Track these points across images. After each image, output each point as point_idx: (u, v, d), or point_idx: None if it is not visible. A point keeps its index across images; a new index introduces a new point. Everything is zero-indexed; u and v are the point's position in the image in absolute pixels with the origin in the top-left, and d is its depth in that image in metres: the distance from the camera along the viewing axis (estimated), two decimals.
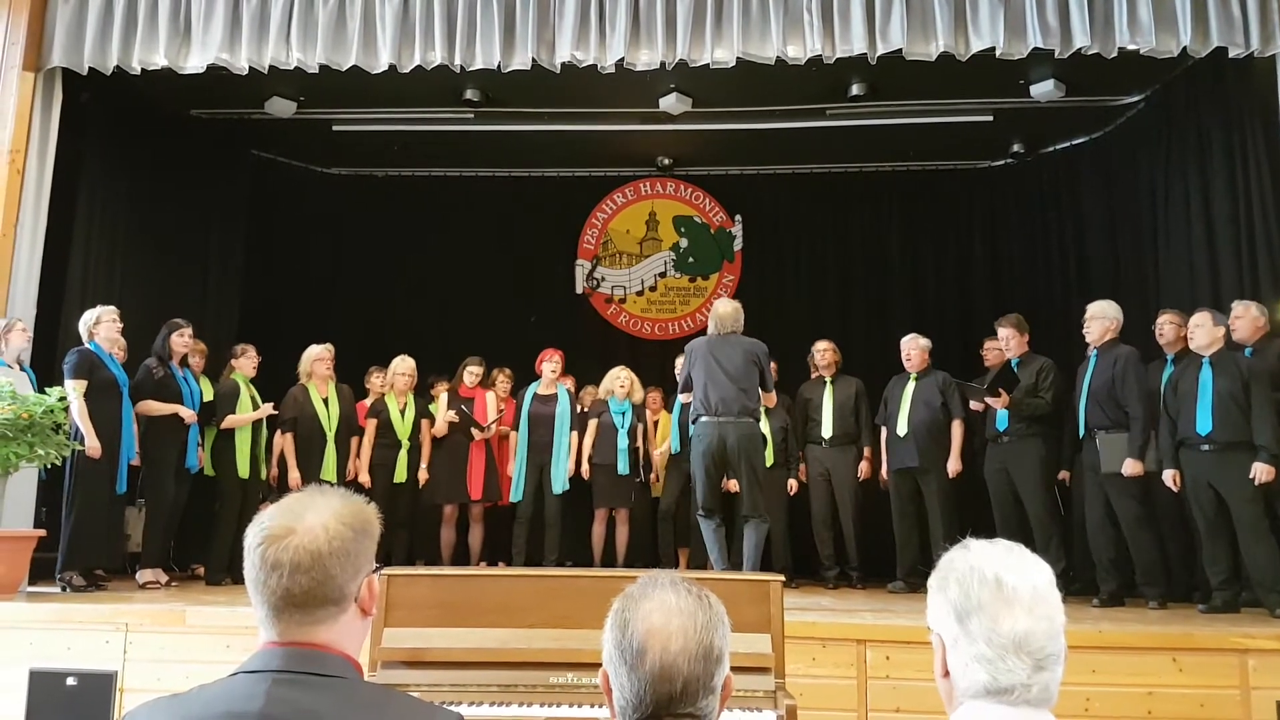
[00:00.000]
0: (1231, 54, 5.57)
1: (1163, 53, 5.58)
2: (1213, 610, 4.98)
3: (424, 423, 6.92)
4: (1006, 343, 6.17)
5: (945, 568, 1.40)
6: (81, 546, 5.32)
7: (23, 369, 5.49)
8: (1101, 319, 5.69)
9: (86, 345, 5.51)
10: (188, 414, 5.86)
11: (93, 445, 5.30)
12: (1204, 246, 6.43)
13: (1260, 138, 6.03)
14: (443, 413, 6.90)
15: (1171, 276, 6.77)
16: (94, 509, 5.39)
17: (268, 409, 6.34)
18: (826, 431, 6.84)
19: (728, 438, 5.15)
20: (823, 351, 7.05)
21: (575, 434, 6.92)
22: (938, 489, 6.32)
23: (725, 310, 5.46)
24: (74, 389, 5.29)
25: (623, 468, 6.84)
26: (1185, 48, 5.53)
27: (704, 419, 5.22)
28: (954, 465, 6.32)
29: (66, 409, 5.14)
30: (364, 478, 6.61)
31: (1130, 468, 5.36)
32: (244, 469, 6.20)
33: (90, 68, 5.97)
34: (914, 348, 6.61)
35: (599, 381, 7.36)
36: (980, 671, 1.32)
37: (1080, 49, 5.59)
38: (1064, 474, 6.19)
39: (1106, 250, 7.76)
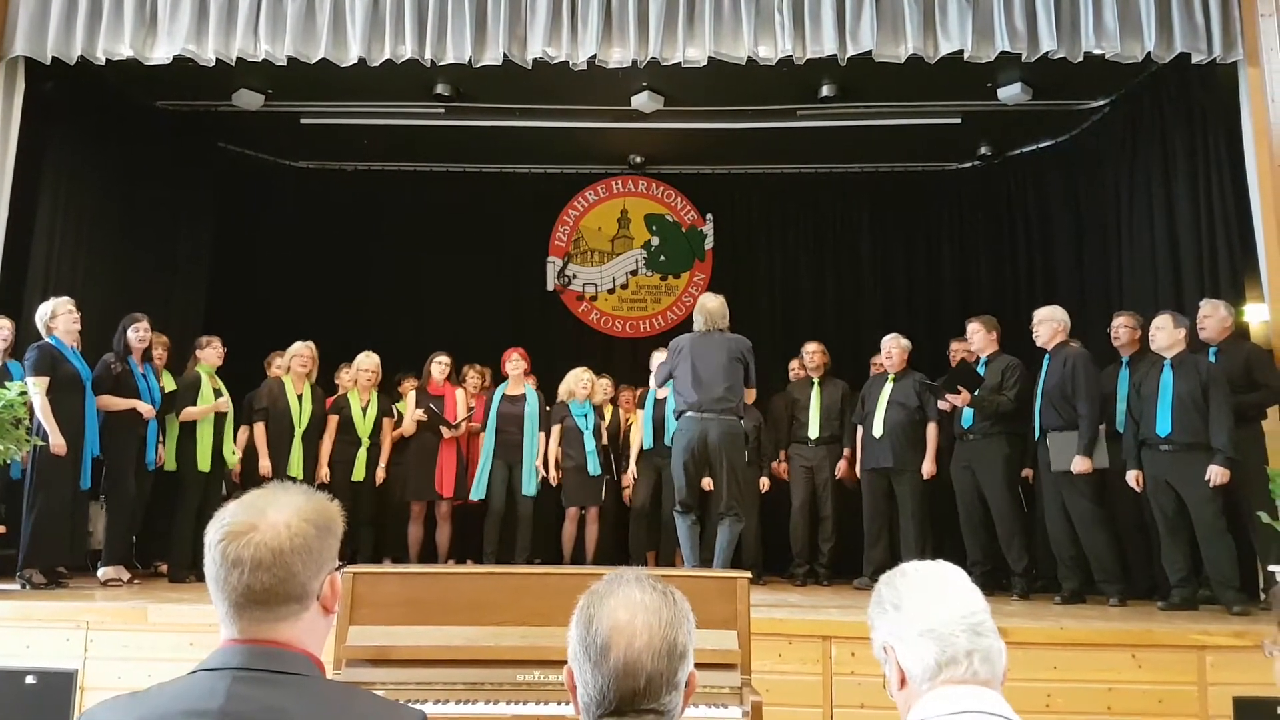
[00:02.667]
0: (1194, 60, 5.67)
1: (1127, 58, 5.67)
2: (1171, 608, 5.06)
3: (386, 421, 6.87)
4: (974, 340, 6.22)
5: (874, 592, 1.59)
6: (43, 543, 5.23)
7: (5, 365, 5.43)
8: (1049, 321, 5.79)
9: (46, 339, 5.42)
10: (145, 409, 5.75)
11: (57, 443, 5.22)
12: (1166, 248, 6.53)
13: (1222, 142, 6.13)
14: (411, 411, 6.86)
15: (1134, 278, 6.86)
16: (56, 506, 5.30)
17: (222, 403, 6.20)
18: (813, 432, 6.87)
19: (710, 433, 5.15)
20: (812, 353, 7.08)
21: (543, 435, 6.90)
22: (910, 489, 6.35)
23: (713, 305, 5.46)
24: (36, 386, 5.21)
25: (593, 468, 6.83)
26: (1149, 53, 5.62)
27: (687, 414, 5.22)
28: (928, 468, 6.35)
29: (26, 403, 5.06)
30: (323, 472, 6.57)
31: (1079, 465, 5.43)
32: (205, 463, 6.11)
33: (54, 57, 5.87)
34: (895, 347, 6.60)
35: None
36: (929, 645, 1.44)
37: (1047, 53, 5.66)
38: (1027, 472, 6.27)
39: (1071, 251, 7.86)
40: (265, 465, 6.30)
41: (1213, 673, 4.06)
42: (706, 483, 5.64)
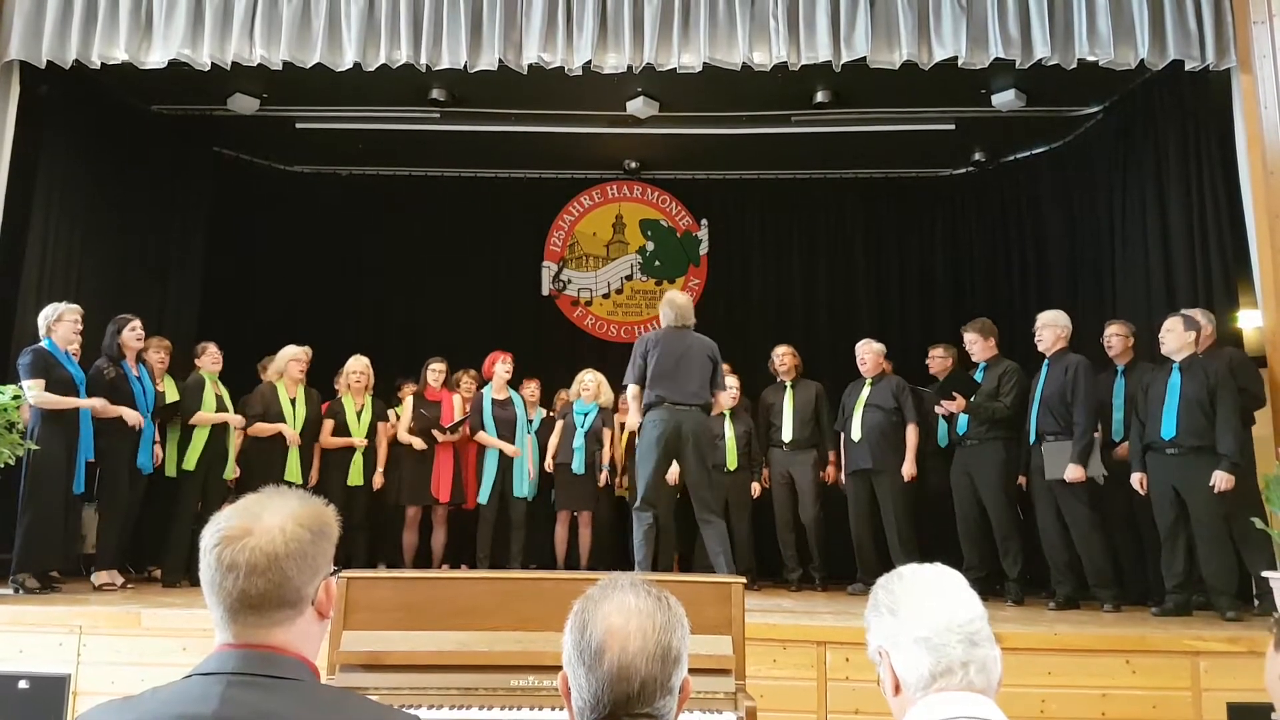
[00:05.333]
0: (1188, 67, 5.69)
1: (1121, 64, 5.69)
2: (1165, 613, 5.07)
3: (381, 425, 6.85)
4: (972, 347, 6.23)
5: (871, 595, 1.56)
6: (36, 548, 5.21)
7: None
8: (1053, 327, 5.79)
9: (41, 343, 5.41)
10: (133, 417, 5.66)
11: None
12: (1160, 255, 6.54)
13: (1215, 149, 6.16)
14: (407, 417, 6.84)
15: (1128, 284, 6.88)
16: (49, 510, 5.27)
17: (236, 419, 6.25)
18: (787, 435, 6.84)
19: (683, 424, 5.15)
20: (781, 356, 7.06)
21: (531, 438, 6.91)
22: (891, 491, 6.37)
23: (683, 301, 5.48)
24: (32, 388, 5.20)
25: (577, 467, 6.82)
26: (1143, 60, 5.64)
27: (662, 406, 5.20)
28: (908, 469, 6.37)
29: (20, 408, 5.04)
30: (313, 475, 6.58)
31: (1071, 473, 5.44)
32: (200, 468, 6.09)
33: (49, 61, 5.86)
34: (868, 352, 6.66)
35: (565, 383, 7.37)
36: (923, 654, 1.43)
37: (1041, 59, 5.69)
38: (1021, 479, 6.27)
39: (1065, 258, 7.88)
40: (290, 433, 6.35)
41: (1207, 678, 4.07)
42: (673, 475, 5.64)
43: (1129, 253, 6.90)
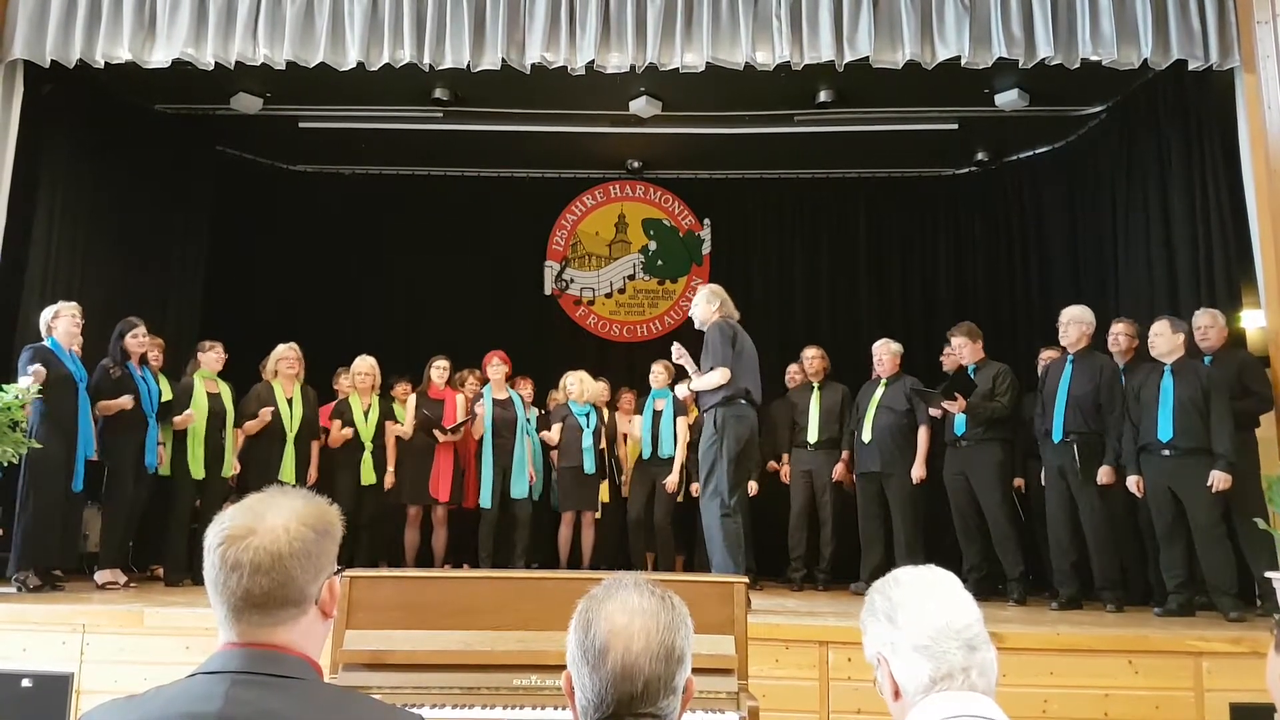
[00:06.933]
0: (1191, 66, 5.68)
1: (1124, 64, 5.68)
2: (1168, 614, 5.07)
3: (388, 425, 6.87)
4: (959, 351, 6.24)
5: (867, 598, 1.56)
6: (36, 545, 5.22)
7: None
8: (1079, 323, 5.73)
9: (44, 341, 5.42)
10: (125, 400, 5.65)
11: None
12: (1162, 254, 6.54)
13: (1218, 149, 6.16)
14: (409, 415, 6.85)
15: (1130, 284, 6.88)
16: (49, 507, 5.28)
17: (186, 417, 6.10)
18: (812, 436, 6.87)
19: (755, 425, 5.15)
20: (811, 359, 7.10)
21: (529, 440, 6.90)
22: (900, 493, 6.37)
23: (726, 295, 5.43)
24: (32, 382, 5.21)
25: (589, 467, 6.82)
26: (1146, 60, 5.64)
27: (747, 402, 5.10)
28: (918, 471, 6.36)
29: (24, 406, 5.05)
30: (311, 474, 6.53)
31: (1105, 475, 5.44)
32: (197, 469, 6.09)
33: (52, 60, 5.87)
34: (885, 352, 6.65)
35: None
36: (923, 661, 1.43)
37: (1044, 59, 5.68)
38: (1019, 481, 6.26)
39: (1067, 257, 7.87)
40: (265, 413, 6.34)
41: (1209, 679, 4.07)
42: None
43: (1131, 252, 6.89)
